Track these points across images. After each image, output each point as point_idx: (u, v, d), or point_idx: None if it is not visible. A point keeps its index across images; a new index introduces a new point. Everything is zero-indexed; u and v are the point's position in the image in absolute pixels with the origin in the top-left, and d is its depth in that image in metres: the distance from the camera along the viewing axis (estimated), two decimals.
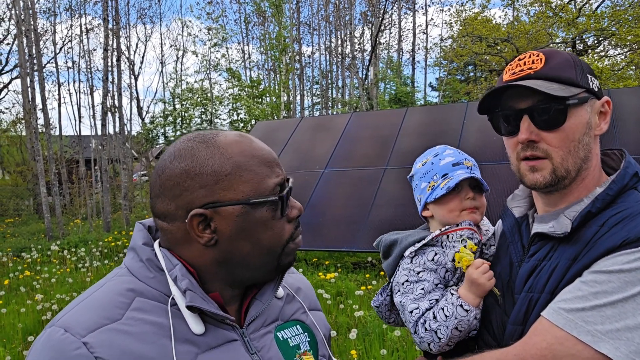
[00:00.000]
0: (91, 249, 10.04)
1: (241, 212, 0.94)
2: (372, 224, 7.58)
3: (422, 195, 1.39)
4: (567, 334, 1.03)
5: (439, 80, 30.71)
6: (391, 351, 4.39)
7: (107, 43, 14.35)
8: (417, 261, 1.32)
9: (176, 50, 24.85)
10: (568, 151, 1.16)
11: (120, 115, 15.51)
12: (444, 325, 1.23)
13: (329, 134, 9.92)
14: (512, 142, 1.22)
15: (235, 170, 0.94)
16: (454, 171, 1.34)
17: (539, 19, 18.99)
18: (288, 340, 1.06)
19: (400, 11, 29.19)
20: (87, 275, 7.90)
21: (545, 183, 1.17)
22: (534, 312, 1.14)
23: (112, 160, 18.53)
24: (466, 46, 20.70)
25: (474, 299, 1.24)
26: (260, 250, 0.97)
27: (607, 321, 1.00)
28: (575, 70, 1.18)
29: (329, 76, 29.60)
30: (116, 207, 17.91)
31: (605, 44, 20.34)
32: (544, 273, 1.15)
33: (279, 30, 19.45)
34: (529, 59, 1.20)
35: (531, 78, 1.16)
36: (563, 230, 1.14)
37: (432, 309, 1.26)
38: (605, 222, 1.10)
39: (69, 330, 0.86)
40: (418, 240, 1.34)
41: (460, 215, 1.34)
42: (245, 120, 19.54)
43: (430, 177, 1.37)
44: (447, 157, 1.37)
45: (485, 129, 8.49)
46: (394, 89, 25.03)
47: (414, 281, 1.30)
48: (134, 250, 1.01)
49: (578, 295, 1.05)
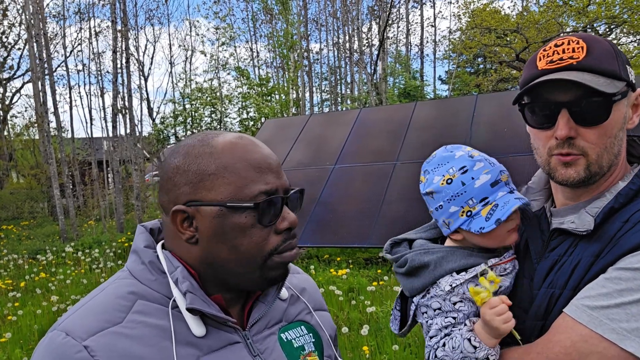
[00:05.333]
0: (105, 249, 10.14)
1: (219, 213, 0.93)
2: (383, 220, 7.56)
3: (452, 219, 1.18)
4: (592, 332, 1.01)
5: (448, 74, 30.52)
6: (403, 347, 4.37)
7: (115, 45, 14.44)
8: (457, 291, 1.16)
9: (185, 51, 24.97)
10: (604, 148, 1.09)
11: (131, 117, 15.60)
12: (450, 357, 1.11)
13: (339, 130, 9.91)
14: (545, 136, 1.14)
15: (219, 171, 0.94)
16: (495, 194, 1.15)
17: (549, 8, 18.76)
18: (292, 341, 1.05)
19: (407, 5, 29.03)
20: (102, 276, 7.98)
21: (579, 180, 1.11)
22: (555, 308, 1.11)
23: (124, 161, 18.68)
24: (475, 38, 20.53)
25: (488, 338, 1.09)
26: (238, 257, 0.94)
27: (632, 319, 0.98)
28: (618, 62, 1.10)
29: (337, 72, 29.56)
30: (129, 208, 18.06)
31: (617, 32, 20.06)
32: (565, 269, 1.11)
33: (287, 28, 19.44)
34: (568, 46, 1.10)
35: (574, 69, 1.07)
36: (586, 227, 1.10)
37: (447, 337, 1.15)
38: (630, 218, 1.05)
39: (70, 334, 0.86)
40: (456, 269, 1.17)
41: (504, 239, 1.18)
42: (255, 118, 19.56)
43: (464, 201, 1.15)
44: (482, 174, 1.15)
45: (495, 121, 8.42)
46: (403, 83, 24.92)
47: (448, 310, 1.16)
48: (136, 253, 1.01)
49: (602, 293, 1.02)
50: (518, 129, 8.03)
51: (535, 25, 18.19)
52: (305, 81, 24.20)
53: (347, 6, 25.65)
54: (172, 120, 20.45)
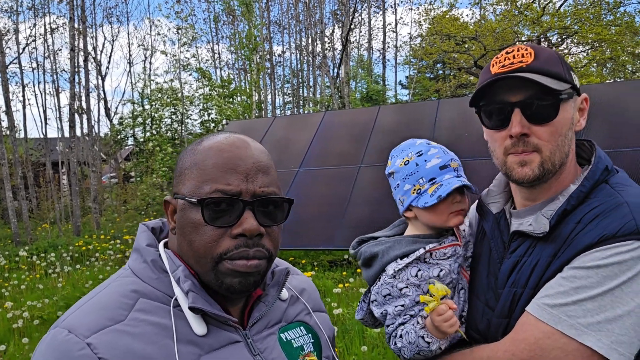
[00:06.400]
0: (61, 253, 9.81)
1: (182, 207, 0.96)
2: (348, 222, 7.63)
3: (406, 197, 1.32)
4: (553, 329, 1.08)
5: (408, 79, 31.03)
6: (371, 347, 4.43)
7: (73, 43, 14.01)
8: (401, 276, 1.27)
9: (144, 50, 24.44)
10: (556, 145, 1.18)
11: (89, 117, 15.17)
12: (407, 348, 1.24)
13: (303, 133, 9.93)
14: (500, 136, 1.22)
15: (190, 166, 0.97)
16: (442, 176, 1.28)
17: (505, 17, 19.40)
18: (292, 342, 1.06)
19: (370, 10, 29.39)
20: (59, 281, 7.71)
21: (534, 177, 1.19)
22: (518, 306, 1.18)
23: (80, 162, 18.11)
24: (435, 44, 20.97)
25: (438, 333, 1.21)
26: (193, 254, 0.95)
27: (588, 314, 1.05)
28: (562, 67, 1.20)
29: (299, 75, 29.60)
30: (85, 211, 17.53)
31: (568, 41, 20.93)
32: (525, 269, 1.19)
33: (250, 29, 19.34)
34: (518, 52, 1.20)
35: (523, 71, 1.16)
36: (542, 229, 1.17)
37: (405, 324, 1.25)
38: (582, 219, 1.13)
39: (73, 331, 0.86)
40: (400, 255, 1.29)
41: (448, 218, 1.30)
42: (217, 120, 19.34)
43: (416, 179, 1.30)
44: (433, 158, 1.30)
45: (456, 126, 8.64)
46: (365, 88, 25.18)
47: (395, 296, 1.27)
48: (138, 252, 1.01)
49: (560, 291, 1.09)
50: (478, 133, 8.25)
51: (492, 34, 18.76)
52: (268, 83, 24.13)
53: (310, 9, 25.73)
54: (130, 121, 19.98)
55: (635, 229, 1.05)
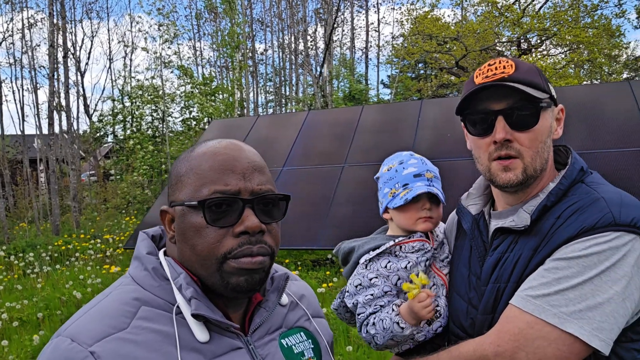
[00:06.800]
0: (40, 253, 9.64)
1: (182, 213, 0.96)
2: (331, 222, 7.64)
3: (384, 199, 1.47)
4: (536, 318, 1.12)
5: (390, 78, 31.19)
6: (356, 347, 4.47)
7: (52, 39, 13.77)
8: (372, 267, 1.39)
9: (125, 47, 24.08)
10: (536, 151, 1.25)
11: (68, 115, 14.92)
12: (381, 334, 1.33)
13: (287, 132, 9.92)
14: (485, 142, 1.29)
15: (186, 173, 0.98)
16: (414, 182, 1.42)
17: (486, 18, 19.61)
18: (292, 347, 1.07)
19: (352, 9, 29.45)
20: (38, 282, 7.58)
21: (518, 182, 1.25)
22: (502, 301, 1.23)
23: (58, 160, 17.81)
24: (417, 44, 21.11)
25: (411, 320, 1.31)
26: (197, 258, 0.95)
27: (570, 303, 1.11)
28: (541, 78, 1.28)
29: (282, 73, 29.54)
30: (64, 209, 17.25)
31: (547, 43, 21.25)
32: (508, 264, 1.24)
33: (232, 27, 19.21)
34: (500, 64, 1.27)
35: (506, 81, 1.23)
36: (523, 223, 1.23)
37: (375, 314, 1.35)
38: (561, 214, 1.20)
39: (76, 340, 0.86)
40: (373, 248, 1.41)
41: (416, 223, 1.42)
42: (199, 118, 19.18)
43: (393, 184, 1.45)
44: (410, 167, 1.44)
45: (439, 126, 8.72)
46: (348, 87, 25.24)
47: (366, 286, 1.38)
48: (139, 260, 1.02)
49: (542, 282, 1.15)
50: (460, 134, 8.35)
51: (473, 34, 18.95)
52: (250, 81, 24.02)
53: (293, 8, 25.68)
54: (110, 118, 19.70)
55: (612, 221, 1.12)
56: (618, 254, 1.10)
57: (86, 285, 6.88)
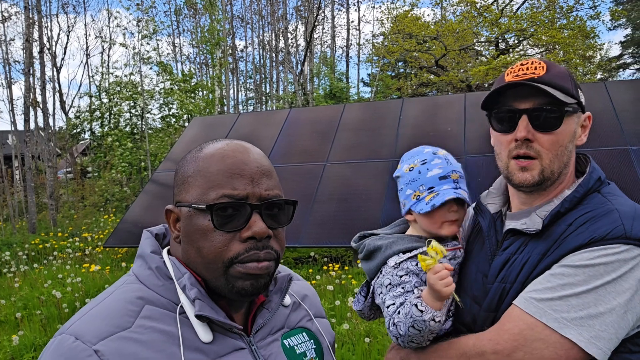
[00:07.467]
0: (16, 252, 9.46)
1: (188, 215, 0.96)
2: (314, 220, 7.67)
3: (407, 201, 1.41)
4: (537, 321, 1.15)
5: (371, 76, 31.31)
6: (341, 344, 4.50)
7: (28, 33, 13.49)
8: (401, 266, 1.34)
9: (102, 42, 23.69)
10: (556, 155, 1.27)
11: (45, 110, 14.63)
12: (403, 322, 1.26)
13: (269, 130, 9.91)
14: (506, 139, 1.30)
15: (194, 174, 0.97)
16: (441, 186, 1.35)
17: (465, 18, 19.84)
18: (295, 348, 1.07)
19: (333, 7, 29.47)
20: (15, 281, 7.44)
21: (533, 182, 1.27)
22: (505, 301, 1.25)
23: (34, 157, 17.47)
24: (397, 43, 21.25)
25: (433, 302, 1.23)
26: (203, 260, 0.95)
27: (572, 310, 1.13)
28: (571, 83, 1.29)
29: (262, 71, 29.43)
30: (40, 207, 16.92)
31: (524, 43, 21.60)
32: (516, 266, 1.26)
33: (212, 23, 19.07)
34: (532, 65, 1.29)
35: (535, 82, 1.25)
36: (535, 227, 1.25)
37: (403, 304, 1.29)
38: (573, 222, 1.22)
39: (80, 338, 0.86)
40: (403, 250, 1.35)
41: (442, 226, 1.36)
42: (178, 115, 19.00)
43: (416, 186, 1.38)
44: (435, 167, 1.37)
45: (420, 124, 8.81)
46: (329, 85, 25.27)
47: (395, 284, 1.33)
48: (142, 258, 1.02)
49: (547, 287, 1.17)
50: (441, 132, 8.46)
51: (453, 34, 19.15)
52: (230, 79, 23.88)
53: (274, 5, 25.60)
54: (88, 114, 19.38)
55: (623, 234, 1.14)
56: (625, 266, 1.12)
57: (65, 284, 6.76)
